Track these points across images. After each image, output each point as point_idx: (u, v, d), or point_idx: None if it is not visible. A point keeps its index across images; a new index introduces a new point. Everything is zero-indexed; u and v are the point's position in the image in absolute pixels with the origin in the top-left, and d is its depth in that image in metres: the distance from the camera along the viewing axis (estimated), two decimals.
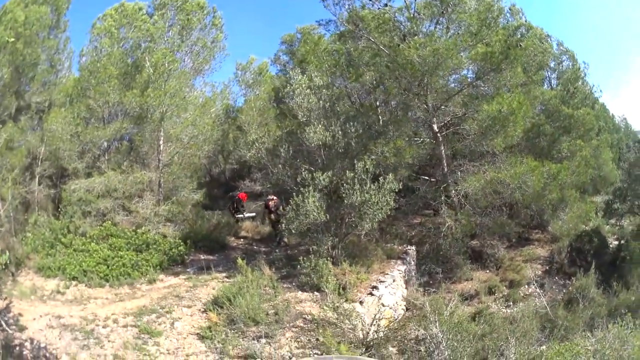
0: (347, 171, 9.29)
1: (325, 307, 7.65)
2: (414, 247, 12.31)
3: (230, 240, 13.18)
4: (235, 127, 18.74)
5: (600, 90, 24.49)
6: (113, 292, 8.98)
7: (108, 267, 9.55)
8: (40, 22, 12.41)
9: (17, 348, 6.27)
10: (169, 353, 6.58)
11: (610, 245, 14.93)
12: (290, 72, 11.73)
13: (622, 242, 14.47)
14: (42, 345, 6.37)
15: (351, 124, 10.56)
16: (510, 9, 17.19)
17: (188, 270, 10.32)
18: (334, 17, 13.62)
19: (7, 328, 6.56)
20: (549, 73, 19.38)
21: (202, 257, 11.15)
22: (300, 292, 8.69)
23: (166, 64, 12.26)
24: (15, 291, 8.02)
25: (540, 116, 15.50)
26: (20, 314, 7.07)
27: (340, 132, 10.37)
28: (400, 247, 11.97)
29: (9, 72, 10.53)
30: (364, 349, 6.77)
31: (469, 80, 13.04)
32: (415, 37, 11.88)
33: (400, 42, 11.99)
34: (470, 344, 6.72)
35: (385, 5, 12.62)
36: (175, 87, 12.51)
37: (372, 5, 12.74)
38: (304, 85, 10.86)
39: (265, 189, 15.05)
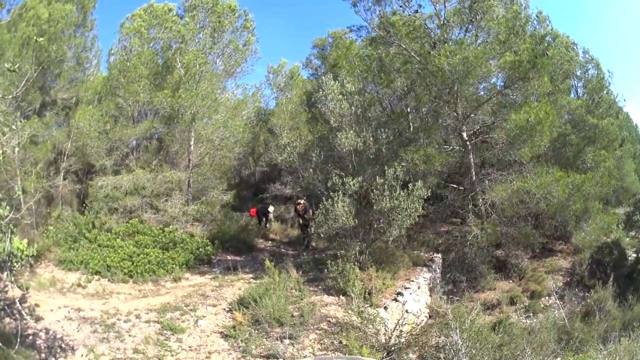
0: (378, 177, 9.46)
1: (350, 311, 7.86)
2: (440, 255, 12.58)
3: (258, 242, 13.63)
4: (267, 129, 19.32)
5: (624, 99, 24.58)
6: (137, 288, 9.33)
7: (133, 263, 9.95)
8: (66, 20, 12.98)
9: (31, 337, 6.35)
10: (191, 350, 6.75)
11: (629, 258, 14.97)
12: (323, 77, 11.91)
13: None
14: (58, 336, 6.53)
15: (382, 130, 10.72)
16: (537, 16, 17.39)
17: (214, 269, 10.67)
18: (365, 23, 14.15)
19: (22, 317, 6.68)
20: (575, 82, 19.36)
21: (229, 257, 11.61)
22: (326, 295, 8.93)
23: (198, 66, 12.63)
24: (34, 282, 8.26)
25: (566, 126, 15.62)
26: (37, 305, 7.30)
27: (371, 139, 10.52)
28: (426, 255, 12.20)
29: (33, 68, 10.75)
30: (385, 354, 6.95)
31: (498, 88, 13.22)
32: (445, 44, 12.10)
33: (431, 49, 12.34)
34: (489, 352, 6.91)
35: (416, 11, 12.96)
36: (207, 89, 12.90)
37: (403, 11, 13.09)
38: (336, 91, 11.04)
39: (295, 193, 15.29)
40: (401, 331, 7.39)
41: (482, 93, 13.64)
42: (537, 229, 13.89)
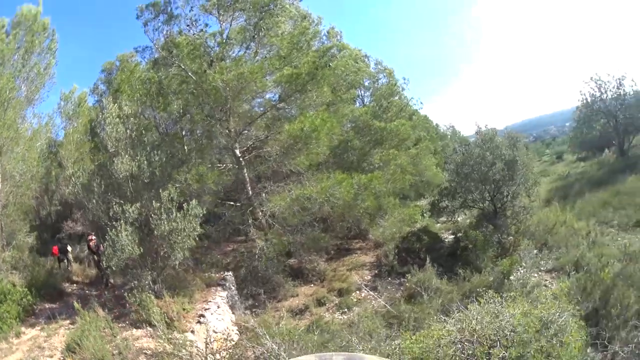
0: (154, 201, 10.49)
1: (160, 340, 8.91)
2: (231, 273, 13.86)
3: (65, 286, 14.12)
4: (57, 163, 19.13)
5: (421, 103, 29.12)
6: None
7: None
8: None
9: None
10: None
11: (446, 240, 17.99)
12: (104, 100, 12.77)
13: (459, 234, 17.14)
14: None
15: (155, 152, 11.73)
16: (328, 32, 20.27)
17: (40, 320, 11.19)
18: (151, 44, 15.46)
19: None
20: (362, 92, 22.94)
21: (46, 305, 12.28)
22: (135, 329, 9.98)
23: (7, 92, 12.83)
24: None
25: (349, 133, 18.11)
26: None
27: (145, 162, 11.41)
28: (217, 275, 13.54)
29: None
30: None
31: (272, 102, 14.93)
32: (222, 62, 13.75)
33: (208, 68, 13.77)
34: (312, 350, 7.77)
35: (202, 30, 14.54)
36: (12, 118, 13.07)
37: (189, 30, 14.65)
38: (114, 114, 11.75)
39: (85, 229, 15.77)
40: (213, 349, 8.49)
41: (256, 109, 15.43)
42: (327, 232, 15.81)
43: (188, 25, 14.84)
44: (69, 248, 15.61)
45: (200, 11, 14.89)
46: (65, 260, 15.36)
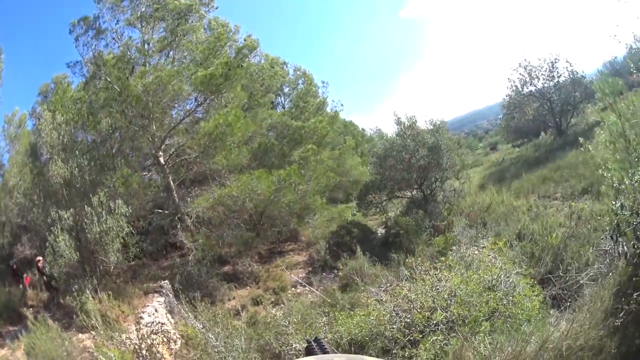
0: (86, 206, 12.02)
1: (99, 340, 10.12)
2: (167, 281, 15.05)
3: (23, 310, 15.05)
4: (7, 191, 20.00)
5: (342, 105, 33.16)
6: None
7: None
8: None
9: None
10: None
11: (378, 232, 20.34)
12: (39, 109, 14.58)
13: (390, 223, 19.36)
14: None
15: (85, 157, 13.36)
16: (245, 39, 21.49)
17: (6, 341, 12.52)
18: (82, 58, 17.41)
19: None
20: (283, 98, 26.23)
21: (10, 328, 13.70)
22: (80, 334, 11.50)
23: None
24: None
25: (268, 135, 20.67)
26: None
27: (76, 168, 12.95)
28: (155, 284, 14.70)
29: None
30: None
31: (191, 108, 17.07)
32: (143, 67, 15.78)
33: (130, 75, 15.76)
34: (252, 343, 8.86)
35: (125, 43, 16.58)
36: None
37: (114, 43, 16.71)
38: (48, 120, 13.34)
39: (32, 252, 17.00)
40: (149, 342, 9.63)
41: (175, 116, 17.51)
42: (258, 237, 17.85)
43: (114, 39, 16.84)
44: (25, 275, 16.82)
45: (125, 24, 17.01)
46: (22, 286, 16.54)
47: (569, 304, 7.80)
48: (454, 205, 19.60)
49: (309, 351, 1.81)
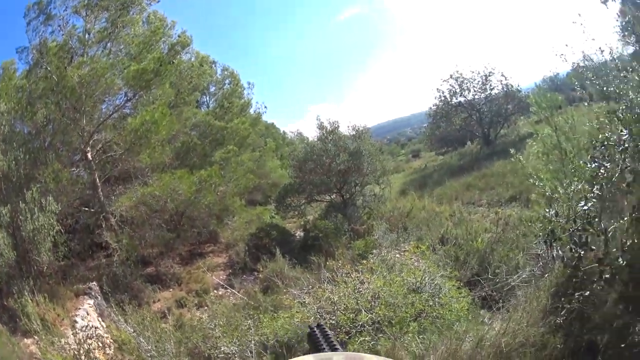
0: (20, 202, 11.91)
1: (42, 345, 10.12)
2: (95, 283, 14.76)
3: None
4: None
5: (265, 107, 34.55)
6: None
7: None
8: None
9: None
10: None
11: (297, 235, 21.25)
12: None
13: (309, 226, 19.87)
14: None
15: (20, 150, 13.55)
16: (179, 35, 21.79)
17: None
18: (29, 44, 16.99)
19: None
20: (208, 98, 27.23)
21: None
22: (25, 339, 11.60)
23: None
24: None
25: (191, 134, 21.54)
26: None
27: (13, 162, 13.06)
28: (84, 286, 14.68)
29: None
30: None
31: (120, 102, 17.38)
32: (81, 58, 15.92)
33: (68, 65, 15.83)
34: (184, 345, 9.43)
35: (69, 31, 16.67)
36: None
37: (59, 30, 16.71)
38: None
39: None
40: (86, 347, 9.84)
41: (105, 110, 17.80)
42: (179, 238, 18.48)
43: (59, 26, 16.80)
44: None
45: (72, 11, 16.98)
46: None
47: (501, 304, 8.13)
48: (374, 210, 20.43)
49: (311, 337, 1.99)
